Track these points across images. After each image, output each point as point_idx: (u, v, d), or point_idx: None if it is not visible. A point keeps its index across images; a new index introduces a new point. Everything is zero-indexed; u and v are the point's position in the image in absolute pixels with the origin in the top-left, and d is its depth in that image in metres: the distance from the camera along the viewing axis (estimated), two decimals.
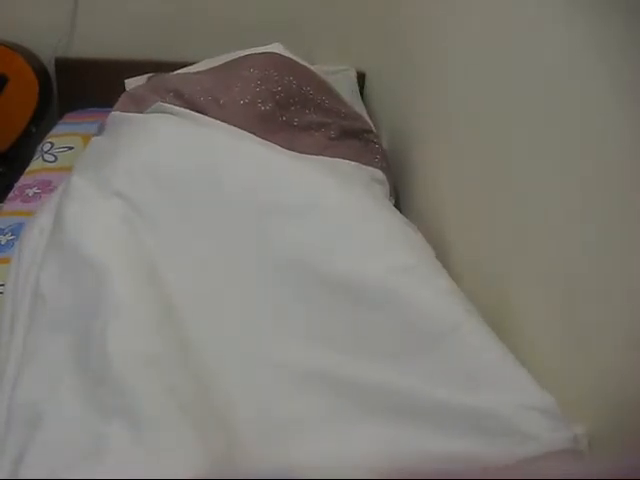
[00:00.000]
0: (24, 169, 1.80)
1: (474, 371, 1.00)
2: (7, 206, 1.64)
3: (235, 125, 1.46)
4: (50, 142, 1.89)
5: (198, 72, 1.79)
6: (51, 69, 2.14)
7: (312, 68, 1.76)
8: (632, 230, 0.83)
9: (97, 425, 0.89)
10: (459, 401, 0.97)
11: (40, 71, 2.08)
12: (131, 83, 1.91)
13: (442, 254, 1.29)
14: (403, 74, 1.78)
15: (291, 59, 1.71)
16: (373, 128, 1.77)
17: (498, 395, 0.96)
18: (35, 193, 1.66)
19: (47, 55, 2.12)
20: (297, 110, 1.62)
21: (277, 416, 1.00)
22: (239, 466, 0.89)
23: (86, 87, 2.11)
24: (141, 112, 1.53)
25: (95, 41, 2.12)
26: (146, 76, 1.94)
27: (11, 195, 1.68)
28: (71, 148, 1.84)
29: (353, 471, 0.83)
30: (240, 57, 1.74)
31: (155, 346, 0.99)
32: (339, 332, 1.09)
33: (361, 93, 2.16)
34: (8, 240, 1.48)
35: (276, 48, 1.72)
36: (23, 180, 1.74)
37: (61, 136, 1.92)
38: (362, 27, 2.09)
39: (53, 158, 1.82)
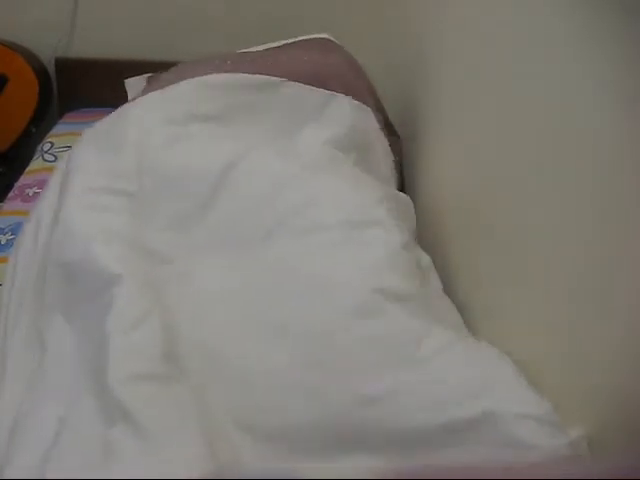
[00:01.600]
0: (24, 169, 1.80)
1: (470, 381, 1.00)
2: (7, 205, 1.65)
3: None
4: (50, 142, 1.89)
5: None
6: (51, 69, 2.14)
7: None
8: (631, 230, 0.83)
9: (102, 437, 0.91)
10: (457, 411, 0.96)
11: (40, 71, 2.08)
12: (131, 83, 1.90)
13: (442, 259, 1.29)
14: (403, 73, 1.78)
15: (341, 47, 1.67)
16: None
17: (495, 405, 0.95)
18: (35, 193, 1.66)
19: (47, 55, 2.12)
20: None
21: (274, 425, 1.00)
22: (240, 466, 0.89)
23: (86, 87, 2.11)
24: None
25: (95, 41, 2.12)
26: (146, 76, 1.94)
27: (11, 195, 1.68)
28: (71, 148, 1.84)
29: (353, 471, 0.83)
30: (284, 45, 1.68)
31: (156, 365, 0.99)
32: (334, 353, 1.06)
33: None
34: (8, 240, 1.49)
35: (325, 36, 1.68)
36: (23, 180, 1.74)
37: (61, 136, 1.93)
38: (362, 25, 2.09)
39: (53, 158, 1.82)
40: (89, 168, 1.31)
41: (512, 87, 1.14)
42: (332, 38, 1.67)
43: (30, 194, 1.66)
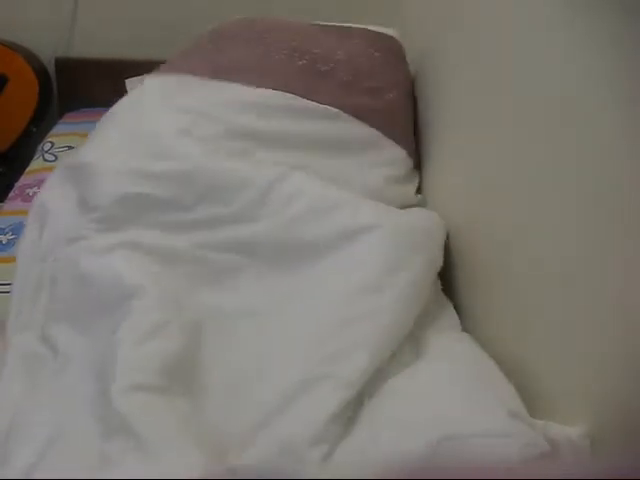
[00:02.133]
0: (24, 169, 1.81)
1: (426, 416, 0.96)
2: (7, 205, 1.65)
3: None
4: (50, 142, 1.90)
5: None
6: (51, 69, 2.15)
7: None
8: (630, 230, 0.83)
9: (100, 449, 0.90)
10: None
11: (40, 71, 2.09)
12: (131, 83, 1.91)
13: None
14: None
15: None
16: None
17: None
18: (35, 193, 1.66)
19: (47, 55, 2.13)
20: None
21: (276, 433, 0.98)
22: (243, 466, 0.90)
23: (86, 87, 2.12)
24: None
25: (95, 41, 2.12)
26: (146, 76, 1.94)
27: (11, 195, 1.69)
28: (71, 148, 1.84)
29: (356, 471, 0.83)
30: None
31: (163, 379, 0.97)
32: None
33: None
34: (9, 240, 1.49)
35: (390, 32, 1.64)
36: (23, 180, 1.74)
37: (61, 136, 1.93)
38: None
39: (53, 158, 1.83)
40: (116, 171, 1.28)
41: (512, 87, 1.14)
42: (398, 37, 1.62)
43: (30, 194, 1.66)
